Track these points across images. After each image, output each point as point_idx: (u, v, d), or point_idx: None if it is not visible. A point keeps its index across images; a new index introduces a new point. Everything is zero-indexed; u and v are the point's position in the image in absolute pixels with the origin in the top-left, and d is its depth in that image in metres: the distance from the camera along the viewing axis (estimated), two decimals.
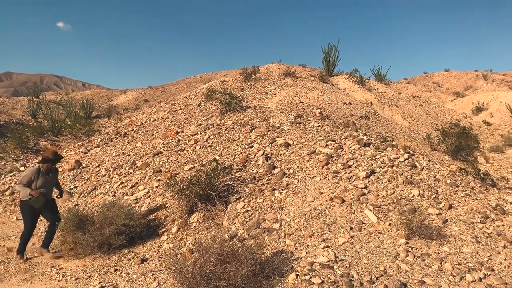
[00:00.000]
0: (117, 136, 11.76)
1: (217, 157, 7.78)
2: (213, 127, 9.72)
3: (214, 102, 12.23)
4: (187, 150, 8.66)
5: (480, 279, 3.84)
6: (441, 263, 4.05)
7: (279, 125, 9.23)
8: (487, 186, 6.75)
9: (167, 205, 6.71)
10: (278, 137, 8.35)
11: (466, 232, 4.80)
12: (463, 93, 35.44)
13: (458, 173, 6.65)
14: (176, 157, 8.46)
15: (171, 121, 11.43)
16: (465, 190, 5.92)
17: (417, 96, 20.50)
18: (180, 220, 6.20)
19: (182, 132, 10.00)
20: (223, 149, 8.32)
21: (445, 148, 12.35)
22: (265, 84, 15.82)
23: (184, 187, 6.32)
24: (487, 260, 4.28)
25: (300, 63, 21.96)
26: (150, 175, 7.88)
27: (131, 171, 8.42)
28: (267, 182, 6.54)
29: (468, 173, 7.58)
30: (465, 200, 5.62)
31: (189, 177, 6.59)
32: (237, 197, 6.24)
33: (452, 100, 29.33)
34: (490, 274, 3.96)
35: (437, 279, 3.78)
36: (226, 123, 9.85)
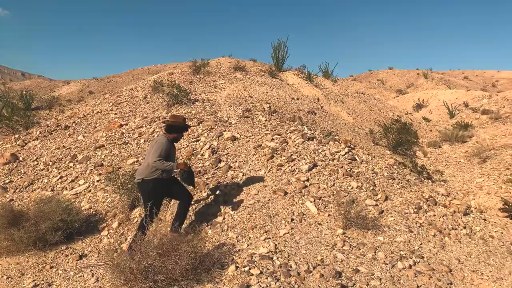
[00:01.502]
0: (58, 128, 11.25)
1: None
2: (159, 120, 9.55)
3: (161, 95, 12.00)
4: (131, 144, 8.45)
5: (410, 266, 4.06)
6: (375, 252, 4.25)
7: (227, 119, 9.23)
8: (422, 179, 7.14)
9: (108, 200, 6.53)
10: (225, 130, 8.34)
11: (400, 222, 5.06)
12: (405, 91, 37.12)
13: (395, 167, 6.97)
14: (119, 150, 8.24)
15: (115, 114, 11.09)
16: (401, 183, 6.23)
17: (362, 93, 21.21)
18: (122, 215, 6.06)
19: (127, 125, 9.74)
20: None
21: (387, 143, 12.88)
22: (215, 78, 15.73)
23: (126, 181, 6.18)
24: (418, 248, 4.53)
25: (251, 57, 22.05)
26: (91, 169, 7.62)
27: (71, 165, 8.10)
28: (213, 175, 6.53)
29: (406, 167, 7.98)
30: (401, 192, 5.92)
31: (131, 171, 6.44)
32: None
33: (394, 97, 30.62)
34: (419, 261, 4.21)
35: (370, 267, 3.96)
36: None
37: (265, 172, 6.37)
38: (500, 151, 12.81)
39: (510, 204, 7.04)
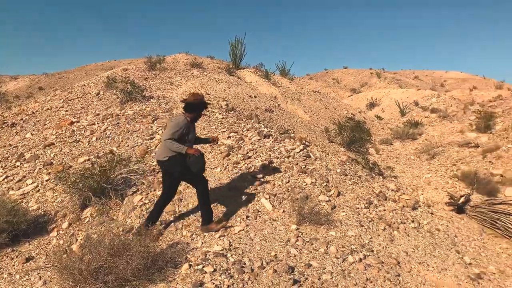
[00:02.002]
0: (4, 126, 10.70)
1: (115, 149, 7.47)
2: (112, 117, 9.29)
3: (114, 91, 11.67)
4: (82, 142, 8.17)
5: (361, 260, 4.18)
6: (327, 247, 4.34)
7: None
8: (373, 175, 7.36)
9: (58, 200, 6.28)
10: None
11: (351, 217, 5.19)
12: (359, 90, 38.17)
13: (348, 163, 7.15)
14: (70, 148, 7.95)
15: (66, 111, 10.68)
16: (353, 179, 6.40)
17: (318, 92, 21.61)
18: (72, 215, 5.85)
19: (78, 122, 9.41)
20: (122, 140, 8.00)
21: (341, 140, 13.19)
22: (171, 74, 15.50)
23: (77, 180, 5.97)
24: (368, 242, 4.67)
25: (209, 54, 21.90)
26: (40, 168, 7.30)
27: (18, 164, 7.72)
28: None
29: (359, 163, 8.20)
30: (353, 188, 6.08)
31: (83, 170, 6.24)
32: (135, 190, 6.04)
33: (349, 96, 31.42)
34: (369, 255, 4.34)
35: (322, 262, 4.04)
36: (126, 113, 9.47)
37: (221, 170, 6.35)
38: (448, 148, 13.43)
39: (456, 198, 7.40)
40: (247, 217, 5.05)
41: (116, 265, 3.61)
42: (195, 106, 4.72)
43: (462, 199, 7.32)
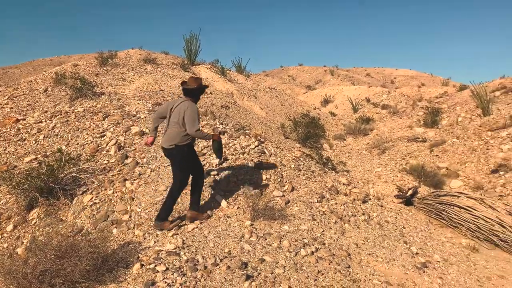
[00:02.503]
0: None
1: (64, 147, 7.19)
2: (61, 114, 8.93)
3: (63, 88, 11.23)
4: (29, 140, 7.82)
5: (312, 253, 4.27)
6: (280, 241, 4.40)
7: (135, 113, 8.91)
8: (326, 170, 7.53)
9: (2, 201, 5.99)
10: (133, 125, 8.05)
11: (304, 211, 5.29)
12: (314, 87, 38.89)
13: (301, 159, 7.27)
14: (15, 147, 7.58)
15: (11, 108, 10.16)
16: (307, 174, 6.52)
17: (274, 88, 21.78)
18: (18, 217, 5.59)
19: (24, 120, 8.98)
20: (71, 139, 7.72)
21: (296, 136, 13.37)
22: (123, 70, 15.10)
23: (22, 180, 5.70)
24: (320, 236, 4.78)
25: (163, 50, 21.48)
26: None
27: None
28: (119, 172, 6.28)
29: (313, 159, 8.35)
30: (306, 183, 6.19)
31: (28, 170, 5.97)
32: (85, 190, 5.86)
33: (304, 93, 31.93)
34: (321, 248, 4.44)
35: (275, 256, 4.09)
36: (76, 111, 9.14)
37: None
38: (397, 142, 13.95)
39: (404, 191, 7.71)
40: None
41: (64, 268, 3.49)
42: (198, 91, 4.72)
43: (410, 192, 7.64)
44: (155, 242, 4.41)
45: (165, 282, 3.48)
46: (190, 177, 4.91)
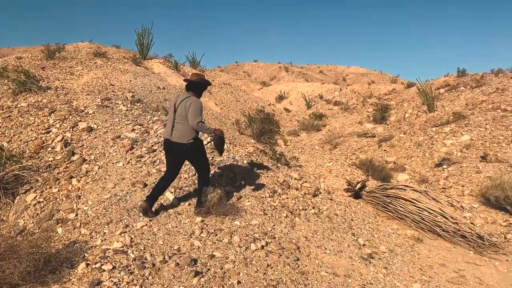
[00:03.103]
0: None
1: (5, 144, 6.83)
2: (3, 109, 8.47)
3: (6, 81, 10.64)
4: None
5: (263, 247, 4.31)
6: (231, 237, 4.41)
7: (83, 108, 8.60)
8: (279, 165, 7.61)
9: None
10: (81, 121, 7.78)
11: (256, 206, 5.32)
12: (269, 83, 39.21)
13: (255, 154, 7.31)
14: None
15: None
16: (259, 169, 6.57)
17: (229, 84, 21.74)
18: None
19: None
20: (14, 135, 7.34)
21: (251, 132, 13.43)
22: (72, 64, 14.52)
23: None
24: (271, 230, 4.83)
25: (115, 44, 20.85)
26: None
27: None
28: (65, 170, 6.05)
29: (266, 154, 8.41)
30: (259, 178, 6.23)
31: None
32: (28, 188, 5.60)
33: (259, 89, 32.10)
34: (271, 242, 4.49)
35: (226, 251, 4.10)
36: (19, 106, 8.70)
37: (123, 164, 6.12)
38: (348, 138, 14.34)
39: (353, 185, 7.94)
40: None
41: (2, 270, 3.32)
42: (200, 85, 4.87)
43: (359, 185, 7.88)
44: (102, 241, 4.29)
45: (112, 281, 3.40)
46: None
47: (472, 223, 6.73)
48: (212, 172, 5.93)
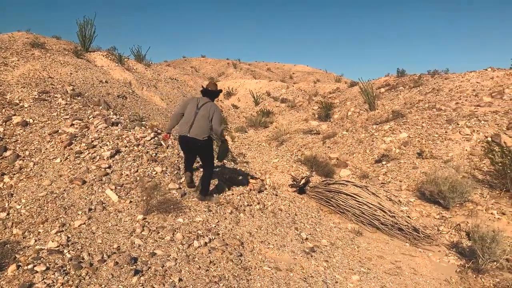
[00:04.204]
0: None
1: None
2: None
3: None
4: None
5: (206, 244, 4.29)
6: (173, 234, 4.34)
7: (18, 102, 8.11)
8: (225, 161, 7.60)
9: None
10: (15, 115, 7.33)
11: (200, 203, 5.28)
12: (217, 79, 39.03)
13: None
14: None
15: None
16: None
17: (176, 79, 21.38)
18: None
19: None
20: None
21: None
22: (6, 54, 13.63)
23: None
24: (215, 226, 4.82)
25: (55, 34, 19.79)
26: None
27: None
28: None
29: (214, 151, 8.37)
30: (199, 176, 6.17)
31: None
32: None
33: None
34: (215, 238, 4.47)
35: (167, 249, 4.03)
36: None
37: (61, 161, 5.84)
38: (294, 135, 14.59)
39: (298, 180, 8.09)
40: (90, 209, 4.76)
41: None
42: (218, 94, 5.63)
43: (303, 181, 8.04)
44: (36, 241, 4.07)
45: (45, 282, 3.23)
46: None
47: (408, 216, 7.08)
48: (156, 168, 5.81)
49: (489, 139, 9.76)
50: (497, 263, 5.54)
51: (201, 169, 5.93)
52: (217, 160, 5.95)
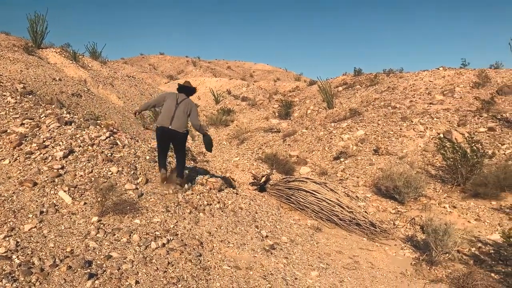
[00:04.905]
0: None
1: None
2: None
3: None
4: None
5: (164, 245, 4.21)
6: (130, 236, 4.22)
7: None
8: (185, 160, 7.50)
9: None
10: None
11: (158, 204, 5.18)
12: (176, 77, 38.52)
13: None
14: None
15: None
16: None
17: (133, 77, 20.92)
18: None
19: None
20: None
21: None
22: None
23: None
24: (173, 227, 4.74)
25: (3, 30, 18.85)
26: None
27: None
28: None
29: (172, 150, 8.24)
30: (157, 175, 6.05)
31: None
32: None
33: (166, 83, 31.38)
34: (173, 239, 4.40)
35: (124, 251, 3.92)
36: None
37: (10, 162, 5.55)
38: (255, 133, 14.63)
39: (258, 178, 8.11)
40: (42, 212, 4.54)
41: None
42: (193, 91, 6.25)
43: (263, 179, 8.08)
44: None
45: None
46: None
47: (365, 212, 7.26)
48: (111, 169, 5.65)
49: (441, 135, 10.18)
50: (449, 255, 5.78)
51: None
52: (207, 151, 6.58)
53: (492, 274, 5.36)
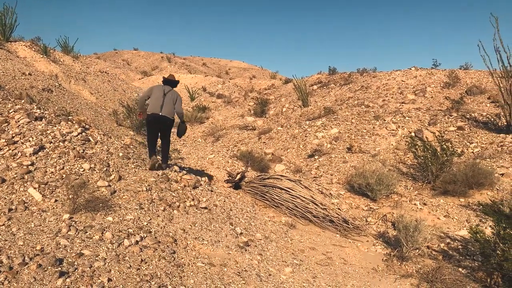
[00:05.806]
0: None
1: None
2: None
3: None
4: None
5: (137, 242, 4.16)
6: (102, 233, 4.16)
7: None
8: (158, 157, 7.42)
9: None
10: None
11: (131, 201, 5.12)
12: (150, 73, 38.05)
13: (132, 146, 7.03)
14: None
15: None
16: (136, 162, 6.33)
17: (106, 72, 20.55)
18: None
19: None
20: None
21: (130, 123, 12.90)
22: None
23: None
24: (147, 224, 4.69)
25: None
26: None
27: None
28: None
29: (145, 146, 8.15)
30: (135, 171, 6.00)
31: None
32: None
33: (140, 79, 30.96)
34: (146, 236, 4.36)
35: (96, 249, 3.86)
36: None
37: None
38: (230, 130, 14.60)
39: (233, 176, 8.12)
40: (10, 210, 4.43)
41: None
42: (176, 83, 6.87)
43: (238, 176, 8.08)
44: None
45: None
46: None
47: (339, 209, 7.37)
48: (83, 165, 5.55)
49: (413, 134, 10.43)
50: (419, 251, 5.94)
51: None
52: (178, 137, 7.30)
53: (460, 269, 5.53)
